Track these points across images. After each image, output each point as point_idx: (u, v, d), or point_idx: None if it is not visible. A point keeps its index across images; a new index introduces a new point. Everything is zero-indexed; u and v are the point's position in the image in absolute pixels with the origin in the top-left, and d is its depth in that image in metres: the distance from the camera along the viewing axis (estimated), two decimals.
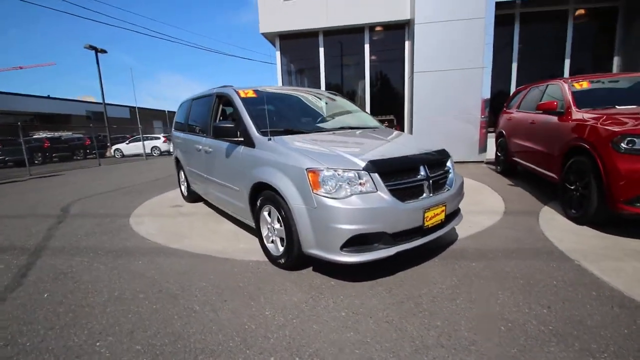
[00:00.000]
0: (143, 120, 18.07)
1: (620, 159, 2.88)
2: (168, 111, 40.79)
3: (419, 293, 2.15)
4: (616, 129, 2.98)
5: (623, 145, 2.87)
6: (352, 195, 2.14)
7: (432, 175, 2.47)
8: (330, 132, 3.07)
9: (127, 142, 20.05)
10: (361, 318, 1.90)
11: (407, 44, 8.39)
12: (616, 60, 7.68)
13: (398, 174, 2.30)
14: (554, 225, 3.37)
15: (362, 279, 2.35)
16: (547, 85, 4.82)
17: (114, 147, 20.01)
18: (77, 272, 2.68)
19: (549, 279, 2.28)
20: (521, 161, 5.26)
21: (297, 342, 1.71)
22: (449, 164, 2.78)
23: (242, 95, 3.23)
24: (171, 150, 16.80)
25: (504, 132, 6.07)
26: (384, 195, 2.18)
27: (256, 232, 2.87)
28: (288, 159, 2.38)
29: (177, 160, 5.07)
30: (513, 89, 8.14)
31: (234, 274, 2.54)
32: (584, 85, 4.13)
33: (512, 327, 1.77)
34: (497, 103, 7.71)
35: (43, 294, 2.33)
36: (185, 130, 4.56)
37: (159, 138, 19.80)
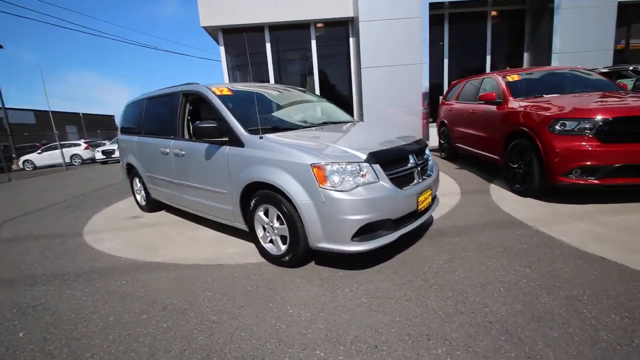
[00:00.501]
0: (55, 125, 15.67)
1: (555, 139, 3.45)
2: (83, 114, 36.06)
3: (422, 270, 2.35)
4: (549, 114, 3.56)
5: (557, 127, 3.45)
6: (357, 186, 2.23)
7: (420, 162, 2.69)
8: (315, 128, 3.11)
9: (38, 151, 17.28)
10: (383, 301, 2.02)
11: (351, 40, 8.70)
12: (526, 56, 9.00)
13: (394, 164, 2.46)
14: (505, 199, 3.89)
15: (365, 266, 2.47)
16: (483, 79, 5.48)
17: (22, 159, 17.10)
18: (47, 303, 2.33)
19: (520, 244, 2.66)
20: (464, 147, 5.90)
21: (334, 333, 1.76)
22: (427, 151, 3.04)
23: (218, 93, 3.09)
24: (97, 157, 15.02)
25: (445, 121, 6.73)
26: (385, 184, 2.32)
27: (245, 234, 2.82)
28: (288, 156, 2.38)
29: (130, 167, 4.62)
30: (445, 82, 9.01)
31: (236, 279, 2.46)
32: (515, 77, 4.80)
33: (509, 288, 2.05)
34: (432, 96, 8.48)
35: (16, 333, 1.99)
36: (140, 133, 4.16)
37: (79, 145, 17.46)
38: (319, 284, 2.29)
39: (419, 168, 2.64)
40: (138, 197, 4.71)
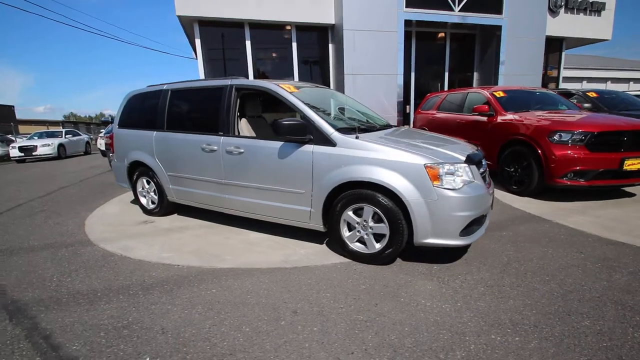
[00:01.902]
0: None
1: (554, 147, 4.15)
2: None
3: (504, 261, 2.66)
4: (549, 126, 4.27)
5: (555, 137, 4.16)
6: (464, 185, 2.43)
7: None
8: (384, 130, 3.21)
9: None
10: (499, 288, 2.25)
11: (331, 46, 8.92)
12: (475, 75, 10.36)
13: (478, 165, 2.73)
14: (507, 198, 4.51)
15: (450, 260, 2.68)
16: (468, 93, 6.21)
17: None
18: (139, 320, 1.99)
19: (556, 234, 3.17)
20: None
21: (489, 319, 1.92)
22: None
23: (290, 90, 3.00)
24: (12, 155, 12.22)
25: (426, 128, 7.39)
26: (479, 183, 2.57)
27: (299, 234, 2.79)
28: (396, 156, 2.46)
29: (134, 167, 4.07)
30: (412, 94, 9.85)
31: (340, 279, 2.44)
32: (501, 94, 5.57)
33: (583, 270, 2.47)
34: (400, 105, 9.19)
35: (141, 357, 1.68)
36: (160, 128, 3.72)
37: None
38: (427, 277, 2.42)
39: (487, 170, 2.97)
40: (144, 200, 4.16)
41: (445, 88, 10.04)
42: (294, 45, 8.69)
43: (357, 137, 2.64)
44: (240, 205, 3.27)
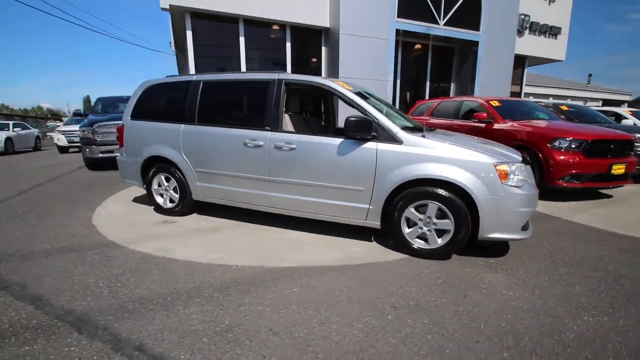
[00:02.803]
0: None
1: (554, 152, 4.59)
2: None
3: (547, 254, 2.88)
4: (550, 133, 4.72)
5: (555, 144, 4.60)
6: (524, 183, 2.61)
7: None
8: (431, 130, 3.31)
9: None
10: (561, 278, 2.43)
11: (324, 49, 8.97)
12: (452, 86, 11.05)
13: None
14: None
15: (500, 255, 2.84)
16: (463, 101, 6.62)
17: None
18: (242, 324, 1.85)
19: (573, 230, 3.50)
20: None
21: (573, 300, 2.07)
22: None
23: (347, 87, 2.99)
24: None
25: None
26: (531, 182, 2.77)
27: (344, 231, 2.80)
28: (465, 155, 2.57)
29: (151, 162, 3.76)
30: (397, 100, 10.24)
31: (413, 274, 2.47)
32: (497, 103, 6.02)
33: (614, 258, 2.76)
34: None
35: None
36: (188, 121, 3.48)
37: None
38: (492, 270, 2.55)
39: None
40: (159, 199, 3.84)
41: (427, 96, 10.56)
42: (288, 45, 8.60)
43: (423, 136, 2.71)
44: (287, 203, 3.16)
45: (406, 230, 2.79)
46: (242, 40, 8.04)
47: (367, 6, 8.21)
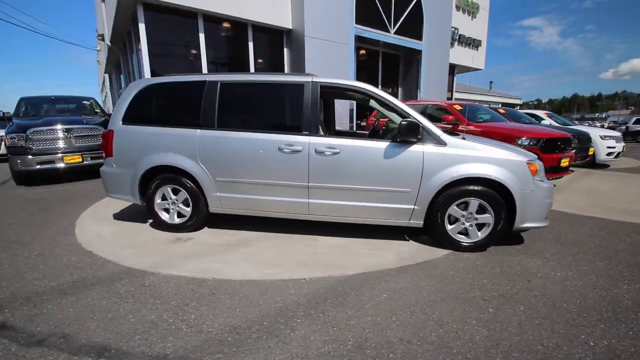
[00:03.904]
0: None
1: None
2: None
3: (557, 235, 3.37)
4: (515, 133, 5.46)
5: (519, 142, 5.36)
6: (544, 178, 3.01)
7: None
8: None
9: None
10: (590, 255, 2.88)
11: (286, 50, 8.84)
12: (400, 91, 11.92)
13: None
14: None
15: (517, 242, 3.23)
16: (428, 105, 7.22)
17: None
18: (367, 337, 1.77)
19: (554, 215, 4.14)
20: None
21: (616, 271, 2.48)
22: None
23: (384, 91, 3.05)
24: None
25: None
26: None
27: (378, 233, 2.95)
28: (501, 154, 2.85)
29: (154, 173, 3.29)
30: (355, 103, 10.63)
31: (473, 267, 2.66)
32: (459, 107, 6.72)
33: (606, 237, 3.38)
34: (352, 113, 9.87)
35: None
36: (209, 126, 3.14)
37: None
38: (528, 256, 2.88)
39: None
40: (165, 214, 3.38)
41: None
42: (251, 45, 8.25)
43: (464, 138, 2.93)
44: (327, 209, 3.09)
45: (449, 227, 2.97)
46: (202, 37, 7.46)
47: (329, 11, 8.36)
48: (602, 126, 25.72)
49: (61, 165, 5.73)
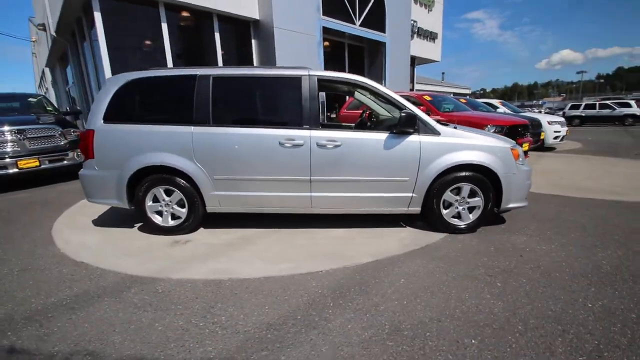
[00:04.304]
0: None
1: None
2: None
3: (532, 213, 3.73)
4: (483, 121, 5.89)
5: (486, 129, 5.79)
6: (524, 162, 3.31)
7: None
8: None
9: None
10: (570, 230, 3.25)
11: (254, 42, 8.60)
12: None
13: None
14: None
15: (497, 222, 3.55)
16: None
17: None
18: (432, 326, 1.87)
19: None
20: None
21: (608, 238, 2.84)
22: None
23: (379, 84, 3.14)
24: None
25: None
26: None
27: (379, 221, 3.14)
28: (488, 142, 3.10)
29: (143, 174, 3.11)
30: (323, 96, 10.68)
31: (471, 248, 2.88)
32: (429, 98, 7.06)
33: (590, 214, 3.81)
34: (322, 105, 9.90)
35: None
36: (203, 123, 3.02)
37: None
38: (516, 234, 3.18)
39: None
40: (157, 218, 3.21)
41: None
42: (217, 35, 7.91)
43: (455, 127, 3.12)
44: (329, 202, 3.14)
45: (444, 211, 3.18)
46: (164, 27, 7.00)
47: (296, 2, 8.26)
48: (540, 112, 28.53)
49: (14, 170, 5.14)
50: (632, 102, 18.58)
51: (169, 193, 3.18)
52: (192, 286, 2.30)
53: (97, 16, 6.08)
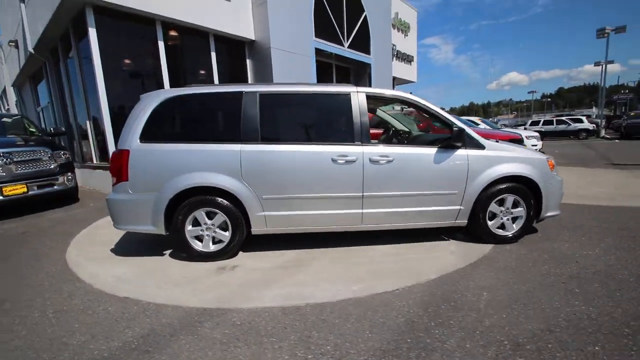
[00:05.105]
0: None
1: None
2: None
3: (562, 223, 3.91)
4: (486, 136, 6.17)
5: None
6: (557, 173, 3.49)
7: None
8: None
9: None
10: (595, 233, 3.41)
11: (248, 62, 8.54)
12: None
13: None
14: None
15: (528, 232, 3.69)
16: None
17: None
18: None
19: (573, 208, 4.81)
20: None
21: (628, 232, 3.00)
22: None
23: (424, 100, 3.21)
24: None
25: None
26: None
27: (419, 236, 3.18)
28: (527, 154, 3.24)
29: (183, 197, 2.89)
30: None
31: (527, 259, 2.93)
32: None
33: (578, 214, 4.05)
34: None
35: None
36: (251, 141, 2.88)
37: None
38: (554, 241, 3.29)
39: None
40: (198, 243, 2.98)
41: None
42: (213, 54, 7.77)
43: (497, 141, 3.24)
44: (380, 218, 3.09)
45: (489, 222, 3.23)
46: (161, 45, 6.77)
47: (291, 24, 8.39)
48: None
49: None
50: (584, 118, 20.62)
51: (209, 216, 2.97)
52: (270, 315, 2.12)
53: (92, 32, 5.74)
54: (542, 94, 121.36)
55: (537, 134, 10.23)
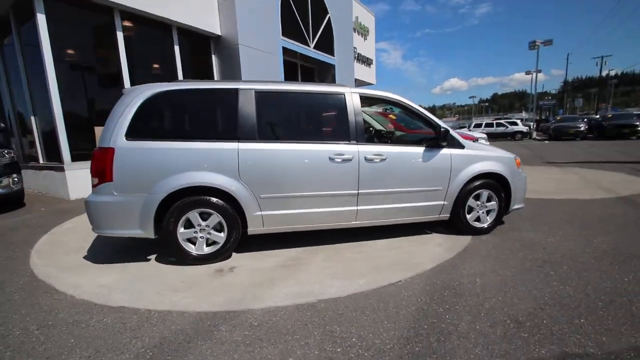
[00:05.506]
0: None
1: None
2: None
3: (529, 216, 4.37)
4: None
5: None
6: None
7: None
8: None
9: None
10: (565, 222, 3.88)
11: (214, 57, 8.22)
12: None
13: None
14: None
15: (500, 223, 4.10)
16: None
17: None
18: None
19: (535, 202, 5.32)
20: None
21: (611, 224, 3.46)
22: None
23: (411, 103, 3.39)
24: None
25: None
26: None
27: (412, 230, 3.46)
28: (499, 153, 3.59)
29: (175, 197, 2.76)
30: None
31: (505, 248, 3.25)
32: (393, 117, 7.69)
33: (550, 206, 4.58)
34: None
35: None
36: (249, 139, 2.83)
37: None
38: (523, 231, 3.69)
39: None
40: (191, 246, 2.84)
41: None
42: (177, 48, 7.35)
43: (476, 141, 3.53)
44: (373, 214, 3.21)
45: (468, 216, 3.53)
46: (119, 35, 6.25)
47: (259, 21, 8.26)
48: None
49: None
50: (518, 122, 23.02)
51: (203, 217, 2.85)
52: (285, 313, 2.12)
53: (41, 19, 5.12)
54: (479, 98, 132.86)
55: (485, 135, 11.23)
